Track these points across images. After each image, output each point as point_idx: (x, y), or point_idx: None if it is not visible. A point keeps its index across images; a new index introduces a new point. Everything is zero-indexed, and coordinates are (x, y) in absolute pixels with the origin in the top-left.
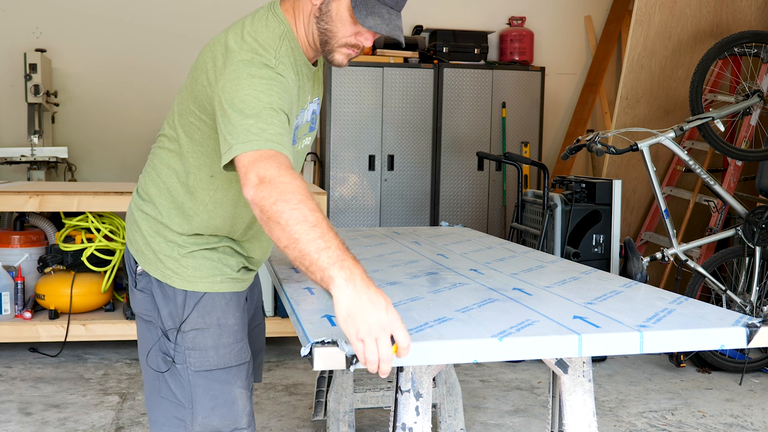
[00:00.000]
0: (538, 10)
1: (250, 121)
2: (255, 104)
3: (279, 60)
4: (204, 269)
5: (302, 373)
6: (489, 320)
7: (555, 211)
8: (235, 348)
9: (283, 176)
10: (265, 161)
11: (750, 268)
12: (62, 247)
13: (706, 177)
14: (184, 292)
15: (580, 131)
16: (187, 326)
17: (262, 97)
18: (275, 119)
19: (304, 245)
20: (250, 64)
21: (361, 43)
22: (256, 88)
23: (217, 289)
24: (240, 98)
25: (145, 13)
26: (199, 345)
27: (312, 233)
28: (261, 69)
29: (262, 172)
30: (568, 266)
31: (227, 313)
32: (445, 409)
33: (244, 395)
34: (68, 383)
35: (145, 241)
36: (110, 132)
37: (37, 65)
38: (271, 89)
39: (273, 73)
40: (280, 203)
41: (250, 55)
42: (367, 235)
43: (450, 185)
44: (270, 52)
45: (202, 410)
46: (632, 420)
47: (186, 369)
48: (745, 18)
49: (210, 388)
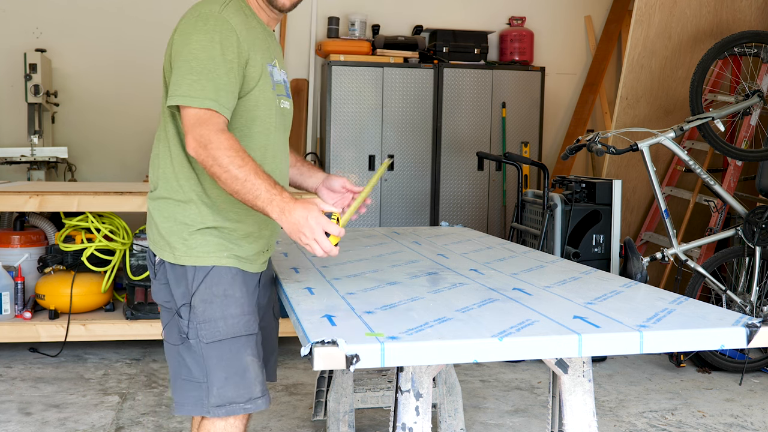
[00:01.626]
0: (538, 10)
1: (193, 76)
2: (200, 56)
3: (225, 8)
4: (211, 245)
5: (302, 373)
6: (489, 320)
7: (555, 211)
8: (243, 319)
9: (215, 141)
10: (202, 126)
11: (750, 268)
12: (62, 247)
13: (706, 177)
14: (194, 268)
15: (580, 131)
16: (196, 299)
17: (207, 46)
18: (218, 73)
19: (243, 196)
20: (197, 19)
21: None
22: (202, 39)
23: (224, 263)
24: (188, 50)
25: (146, 13)
26: (208, 317)
27: (245, 186)
28: (207, 21)
29: (198, 137)
30: (568, 266)
31: (233, 285)
32: (445, 409)
33: (256, 363)
34: (68, 383)
35: (158, 231)
36: (110, 132)
37: (37, 65)
38: (214, 39)
39: (219, 21)
40: (215, 167)
41: (197, 12)
42: (367, 235)
43: (450, 185)
44: (217, 3)
45: (216, 381)
46: (632, 420)
47: (198, 343)
48: (745, 18)
49: (222, 358)
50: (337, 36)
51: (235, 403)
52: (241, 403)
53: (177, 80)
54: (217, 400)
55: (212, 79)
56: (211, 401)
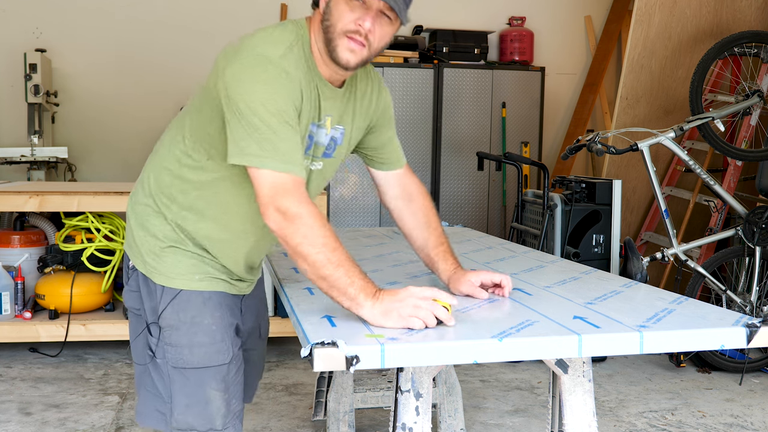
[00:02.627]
0: (538, 10)
1: (261, 134)
2: (261, 111)
3: (286, 58)
4: (182, 266)
5: (302, 373)
6: (489, 320)
7: (555, 211)
8: (211, 349)
9: (303, 216)
10: (284, 196)
11: (750, 268)
12: (62, 247)
13: (706, 177)
14: (162, 287)
15: (580, 131)
16: (163, 321)
17: (270, 100)
18: (284, 132)
19: (332, 281)
20: (256, 63)
21: (361, 28)
22: (263, 91)
23: (195, 287)
24: (249, 102)
25: (146, 13)
26: (174, 341)
27: (336, 272)
28: (266, 68)
29: (283, 207)
30: (568, 266)
31: (203, 312)
32: (445, 409)
33: (219, 397)
34: (68, 383)
35: (132, 236)
36: (110, 132)
37: (37, 65)
38: (277, 92)
39: (279, 70)
40: (305, 245)
41: (255, 51)
42: (367, 235)
43: (450, 185)
44: (279, 48)
45: (178, 406)
46: (632, 420)
47: (165, 364)
48: (745, 18)
49: (185, 385)
50: None
51: (194, 431)
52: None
53: (242, 136)
54: (178, 424)
55: (283, 138)
56: (173, 424)
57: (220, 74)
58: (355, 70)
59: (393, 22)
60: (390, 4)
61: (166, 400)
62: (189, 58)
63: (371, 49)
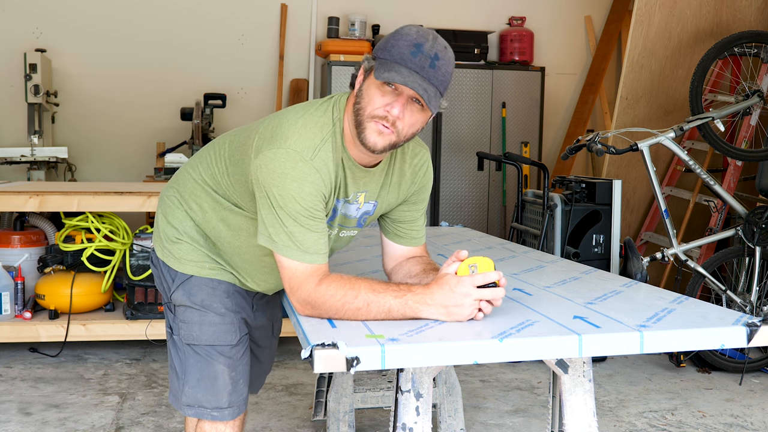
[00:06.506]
0: (538, 10)
1: (287, 228)
2: (290, 206)
3: (318, 153)
4: (195, 254)
5: (302, 373)
6: (489, 321)
7: (555, 211)
8: (220, 328)
9: (325, 297)
10: (305, 285)
11: (750, 268)
12: (62, 247)
13: (706, 177)
14: (175, 271)
15: (580, 131)
16: (175, 301)
17: (298, 198)
18: (310, 225)
19: (375, 317)
20: (287, 158)
21: (389, 114)
22: (292, 188)
23: (205, 275)
24: (276, 193)
25: (146, 13)
26: (186, 318)
27: (371, 310)
28: (296, 165)
29: (303, 297)
30: (568, 266)
31: (212, 297)
32: (445, 409)
33: (227, 373)
34: (68, 383)
35: (157, 221)
36: (110, 132)
37: (37, 65)
38: (305, 189)
39: (309, 170)
40: (341, 314)
41: (287, 144)
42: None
43: (450, 185)
44: (312, 142)
45: (190, 380)
46: (632, 420)
47: (180, 340)
48: (745, 18)
49: (197, 360)
50: (337, 36)
51: (202, 407)
52: (208, 409)
53: (272, 223)
54: (188, 399)
55: (308, 231)
56: (183, 399)
57: (254, 153)
58: (383, 153)
59: (425, 108)
60: (419, 93)
61: (179, 376)
62: (189, 57)
63: (399, 135)
